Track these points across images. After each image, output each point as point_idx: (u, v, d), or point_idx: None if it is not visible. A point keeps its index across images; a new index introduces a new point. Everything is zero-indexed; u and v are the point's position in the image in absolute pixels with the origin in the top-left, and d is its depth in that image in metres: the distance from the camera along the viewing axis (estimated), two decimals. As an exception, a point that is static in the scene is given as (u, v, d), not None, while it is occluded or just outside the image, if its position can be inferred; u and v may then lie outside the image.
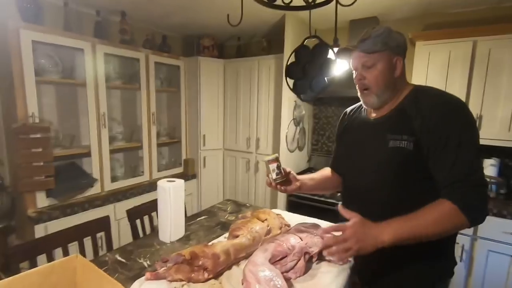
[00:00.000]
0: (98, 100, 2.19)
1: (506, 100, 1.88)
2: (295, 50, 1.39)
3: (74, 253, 1.06)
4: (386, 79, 0.94)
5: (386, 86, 0.94)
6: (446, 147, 0.82)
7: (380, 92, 0.95)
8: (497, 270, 1.79)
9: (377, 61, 0.93)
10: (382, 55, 0.92)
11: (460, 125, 0.84)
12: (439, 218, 0.80)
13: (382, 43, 0.92)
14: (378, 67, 0.93)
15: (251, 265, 0.96)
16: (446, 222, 0.80)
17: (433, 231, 0.80)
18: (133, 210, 1.52)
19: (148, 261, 1.15)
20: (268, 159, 1.11)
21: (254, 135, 2.95)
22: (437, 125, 0.83)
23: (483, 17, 2.12)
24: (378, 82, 0.93)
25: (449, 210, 0.80)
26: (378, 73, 0.93)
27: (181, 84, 2.93)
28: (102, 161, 2.26)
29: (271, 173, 1.11)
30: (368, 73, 0.94)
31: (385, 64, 0.93)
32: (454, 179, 0.81)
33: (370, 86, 0.95)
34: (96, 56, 2.14)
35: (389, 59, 0.93)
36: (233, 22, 1.11)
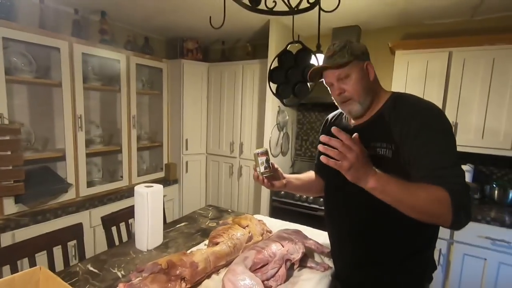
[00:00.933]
0: (75, 101, 2.10)
1: (480, 109, 1.96)
2: (278, 55, 1.39)
3: (42, 264, 0.99)
4: (364, 85, 0.95)
5: (365, 92, 0.95)
6: (429, 154, 0.82)
7: (362, 99, 0.95)
8: (472, 273, 1.84)
9: (351, 71, 0.94)
10: (353, 65, 0.94)
11: (441, 131, 0.85)
12: (428, 198, 0.77)
13: (349, 54, 0.93)
14: (353, 76, 0.94)
15: (230, 274, 0.93)
16: (433, 206, 0.77)
17: (415, 205, 0.78)
18: (108, 217, 1.46)
19: (122, 271, 1.09)
20: (257, 151, 1.07)
21: (237, 139, 2.92)
22: (418, 132, 0.84)
23: (458, 29, 2.21)
24: (357, 90, 0.94)
25: (442, 197, 0.76)
26: (355, 82, 0.94)
27: (163, 87, 2.87)
28: (77, 165, 2.15)
29: (259, 166, 1.07)
30: (346, 85, 0.95)
31: (358, 72, 0.94)
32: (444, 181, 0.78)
33: (351, 96, 0.95)
34: (74, 56, 2.06)
35: (359, 67, 0.95)
36: (216, 25, 1.09)
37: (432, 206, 0.77)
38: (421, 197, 0.78)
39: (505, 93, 1.89)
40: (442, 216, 0.77)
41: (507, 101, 1.89)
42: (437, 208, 0.77)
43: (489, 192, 2.11)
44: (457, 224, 0.79)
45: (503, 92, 1.90)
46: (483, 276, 1.81)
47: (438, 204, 0.77)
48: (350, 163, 0.76)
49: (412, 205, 0.79)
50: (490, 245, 1.78)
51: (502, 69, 1.89)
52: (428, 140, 0.83)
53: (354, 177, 0.79)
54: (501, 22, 2.08)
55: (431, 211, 0.78)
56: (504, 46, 1.87)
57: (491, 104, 1.93)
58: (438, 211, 0.77)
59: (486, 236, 1.78)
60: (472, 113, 1.98)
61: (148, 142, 2.86)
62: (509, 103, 1.88)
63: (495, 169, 2.20)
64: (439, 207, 0.77)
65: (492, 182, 2.14)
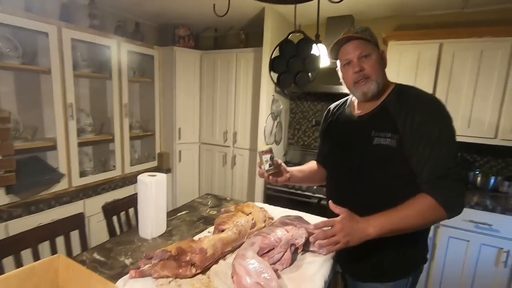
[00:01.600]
0: (65, 89, 2.03)
1: (467, 100, 2.05)
2: (279, 44, 1.39)
3: (45, 254, 0.98)
4: (381, 68, 0.98)
5: (382, 74, 0.98)
6: (428, 145, 0.87)
7: (380, 80, 0.97)
8: (456, 254, 1.97)
9: (372, 51, 0.96)
10: (374, 47, 0.97)
11: (442, 123, 0.89)
12: (421, 212, 0.86)
13: (370, 36, 0.96)
14: (373, 57, 0.96)
15: (240, 258, 0.96)
16: (427, 216, 0.86)
17: (415, 224, 0.86)
18: (110, 206, 1.45)
19: (130, 258, 1.10)
20: (262, 149, 1.10)
21: (231, 128, 2.92)
22: (421, 124, 0.88)
23: (449, 21, 2.28)
24: (376, 70, 0.96)
25: (430, 204, 0.85)
26: (375, 62, 0.96)
27: (155, 75, 2.81)
28: (69, 155, 2.11)
29: (263, 164, 1.10)
30: (366, 63, 0.96)
31: (378, 54, 0.97)
32: (435, 175, 0.86)
33: (370, 75, 0.96)
34: (63, 41, 1.97)
35: (378, 51, 0.98)
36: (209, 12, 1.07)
37: (426, 217, 0.87)
38: (413, 217, 0.86)
39: (491, 85, 1.98)
40: (438, 217, 0.87)
41: (492, 92, 1.98)
42: (431, 216, 0.87)
43: (473, 179, 2.23)
44: (453, 214, 0.88)
45: (489, 84, 1.98)
46: (465, 256, 1.94)
47: (430, 213, 0.86)
48: (343, 237, 0.84)
49: (412, 227, 0.88)
50: (473, 228, 1.90)
51: (489, 62, 1.97)
52: (430, 132, 0.88)
53: (356, 241, 0.86)
54: (490, 15, 2.15)
55: (428, 221, 0.88)
56: (491, 38, 1.94)
57: (477, 95, 2.03)
58: (433, 218, 0.88)
59: (469, 220, 1.90)
60: (460, 104, 2.07)
61: (140, 131, 2.82)
62: (495, 94, 1.97)
63: (478, 157, 2.32)
64: (432, 214, 0.87)
65: (476, 169, 2.27)
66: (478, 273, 1.91)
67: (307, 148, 2.96)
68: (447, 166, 0.86)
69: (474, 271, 1.92)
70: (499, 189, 2.13)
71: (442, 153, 0.87)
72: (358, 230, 0.85)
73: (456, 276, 1.98)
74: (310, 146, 2.96)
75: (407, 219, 0.86)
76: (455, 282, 1.98)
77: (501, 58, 1.94)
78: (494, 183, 2.13)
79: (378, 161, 0.96)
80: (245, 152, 2.88)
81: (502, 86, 1.95)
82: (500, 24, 2.09)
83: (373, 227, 0.85)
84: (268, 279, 0.87)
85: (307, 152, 2.92)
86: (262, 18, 2.43)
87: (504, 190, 2.12)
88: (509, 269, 1.82)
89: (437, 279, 2.03)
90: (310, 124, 2.94)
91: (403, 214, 0.86)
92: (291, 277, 1.00)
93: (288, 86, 1.40)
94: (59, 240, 1.25)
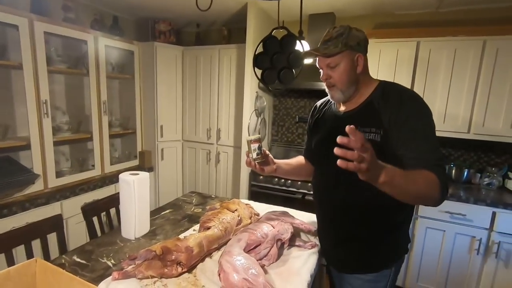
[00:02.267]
0: (38, 85, 1.93)
1: (442, 96, 2.14)
2: (263, 40, 1.39)
3: (20, 259, 0.94)
4: (350, 76, 1.00)
5: (350, 82, 1.01)
6: (415, 138, 0.90)
7: (344, 88, 1.01)
8: (433, 243, 2.06)
9: (340, 61, 0.99)
10: (344, 55, 0.98)
11: (425, 118, 0.93)
12: (425, 183, 0.84)
13: (343, 43, 0.97)
14: (341, 66, 0.99)
15: (227, 255, 0.95)
16: (429, 189, 0.85)
17: (418, 189, 0.84)
18: (90, 207, 1.40)
19: (112, 260, 1.07)
20: (250, 138, 1.12)
21: (215, 126, 2.90)
22: (406, 119, 0.91)
23: (425, 20, 2.36)
24: (342, 80, 1.00)
25: (434, 179, 0.85)
26: (342, 72, 0.99)
27: (135, 71, 2.73)
28: (44, 154, 2.01)
29: (251, 153, 1.12)
30: (333, 72, 1.01)
31: (347, 62, 0.99)
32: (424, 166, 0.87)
33: (335, 83, 1.01)
34: (35, 35, 1.87)
35: (350, 57, 0.99)
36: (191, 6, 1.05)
37: (429, 189, 0.85)
38: (421, 183, 0.84)
39: (464, 82, 2.07)
40: (433, 197, 0.86)
41: (465, 89, 2.08)
42: (432, 190, 0.85)
43: (448, 172, 2.34)
44: (441, 201, 0.88)
45: (462, 81, 2.08)
46: (442, 245, 2.04)
47: (432, 186, 0.85)
48: (368, 163, 0.74)
49: (414, 193, 0.84)
50: (449, 218, 1.99)
51: (462, 60, 2.06)
52: (415, 127, 0.91)
53: (370, 176, 0.78)
54: (463, 15, 2.25)
55: (428, 194, 0.85)
56: (464, 37, 2.03)
57: (452, 92, 2.12)
58: (432, 193, 0.85)
59: (445, 211, 1.99)
60: (436, 100, 2.15)
61: (120, 129, 2.73)
62: (467, 91, 2.07)
63: (452, 151, 2.44)
64: (433, 189, 0.85)
65: (450, 162, 2.38)
66: (453, 260, 2.01)
67: (290, 144, 2.98)
68: (435, 157, 0.89)
69: (450, 259, 2.02)
70: (471, 181, 2.25)
71: (429, 146, 0.90)
72: (378, 170, 0.78)
73: (433, 264, 2.07)
74: (293, 143, 2.98)
75: (415, 184, 0.83)
76: (432, 270, 2.08)
77: (473, 57, 2.03)
78: (467, 175, 2.24)
79: None
80: (229, 149, 2.87)
81: (474, 83, 2.05)
82: (472, 24, 2.19)
83: (385, 175, 0.79)
84: (255, 275, 0.87)
85: (291, 148, 2.95)
86: (245, 14, 2.41)
87: (476, 182, 2.23)
88: (481, 256, 1.93)
89: (416, 268, 2.12)
90: (293, 120, 2.96)
91: (413, 178, 0.84)
92: (278, 272, 1.01)
93: (272, 82, 1.40)
94: (35, 244, 1.19)
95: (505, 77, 1.97)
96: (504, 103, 1.99)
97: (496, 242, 1.88)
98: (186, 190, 3.16)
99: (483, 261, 1.93)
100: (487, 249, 1.91)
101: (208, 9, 1.06)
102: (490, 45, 1.98)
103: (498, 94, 2.00)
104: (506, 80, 1.97)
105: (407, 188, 0.83)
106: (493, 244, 1.89)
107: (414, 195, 0.86)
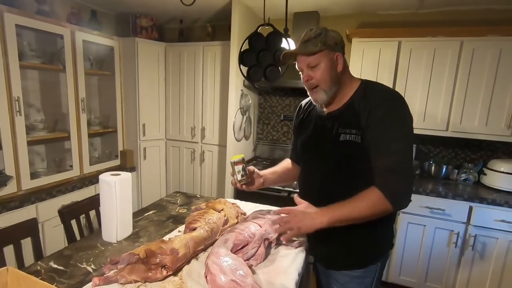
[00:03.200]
0: (9, 81, 1.81)
1: (422, 95, 2.20)
2: (249, 37, 1.37)
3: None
4: (331, 75, 1.00)
5: (332, 82, 1.01)
6: (384, 139, 0.92)
7: (327, 88, 1.01)
8: (414, 238, 2.12)
9: (320, 61, 0.99)
10: (323, 54, 0.98)
11: (399, 120, 0.94)
12: (368, 204, 0.93)
13: (322, 43, 0.98)
14: (321, 65, 0.99)
15: (214, 256, 0.93)
16: (374, 208, 0.93)
17: (363, 214, 0.93)
18: (67, 209, 1.33)
19: (92, 265, 1.02)
20: (234, 160, 1.12)
21: (199, 124, 2.85)
22: (381, 119, 0.93)
23: (406, 20, 2.42)
24: (324, 79, 1.00)
25: (377, 197, 0.92)
26: (323, 71, 0.99)
27: (115, 67, 2.63)
28: (17, 154, 1.90)
29: (236, 174, 1.13)
30: (314, 73, 1.00)
31: (327, 61, 0.99)
32: (385, 168, 0.92)
33: (318, 84, 1.01)
34: (5, 28, 1.76)
35: (330, 56, 0.99)
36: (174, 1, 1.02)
37: (374, 209, 0.93)
38: (362, 207, 0.93)
39: (443, 81, 2.14)
40: (383, 209, 0.93)
41: (444, 89, 2.15)
42: (378, 207, 0.93)
43: (427, 168, 2.42)
44: (398, 208, 0.96)
45: (441, 80, 2.15)
46: (422, 239, 2.10)
47: (376, 204, 0.93)
48: (295, 224, 0.96)
49: (361, 217, 0.94)
50: (429, 213, 2.06)
51: (441, 60, 2.13)
52: (388, 128, 0.93)
53: (308, 228, 0.95)
54: (442, 16, 2.32)
55: (375, 212, 0.94)
56: (443, 38, 2.10)
57: (431, 91, 2.18)
58: (380, 209, 0.93)
59: (425, 206, 2.05)
60: (416, 99, 2.21)
61: (100, 128, 2.63)
62: (446, 90, 2.14)
63: (432, 148, 2.52)
64: (378, 205, 0.93)
65: (430, 159, 2.46)
66: (433, 254, 2.08)
67: (276, 142, 2.98)
68: (398, 160, 0.91)
69: (430, 252, 2.09)
70: (450, 177, 2.34)
71: (394, 148, 0.92)
72: (309, 218, 0.95)
73: (414, 258, 2.14)
74: (279, 141, 2.99)
75: (354, 210, 0.93)
76: (413, 263, 2.14)
77: (451, 57, 2.10)
78: (445, 171, 2.32)
79: (345, 156, 1.00)
80: (214, 148, 2.83)
81: (452, 82, 2.12)
82: (450, 25, 2.26)
83: (323, 216, 0.94)
84: (243, 276, 0.86)
85: (276, 146, 2.95)
86: (229, 11, 2.37)
87: (454, 178, 2.32)
88: (459, 249, 2.01)
89: (398, 262, 2.18)
90: (278, 119, 2.96)
91: (353, 205, 0.93)
92: (265, 272, 0.99)
93: (258, 79, 1.38)
94: (8, 251, 1.12)
95: (481, 77, 2.05)
96: (480, 102, 2.08)
97: (472, 235, 1.96)
98: (170, 190, 3.09)
99: (461, 254, 2.02)
100: (464, 242, 1.99)
101: (192, 3, 1.03)
102: (466, 46, 2.06)
103: (474, 93, 2.08)
104: (482, 80, 2.05)
105: (352, 217, 0.94)
106: (470, 237, 1.97)
107: (365, 217, 0.94)
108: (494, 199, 1.91)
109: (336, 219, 0.94)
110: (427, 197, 2.05)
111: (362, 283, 1.07)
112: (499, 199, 1.91)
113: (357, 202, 0.93)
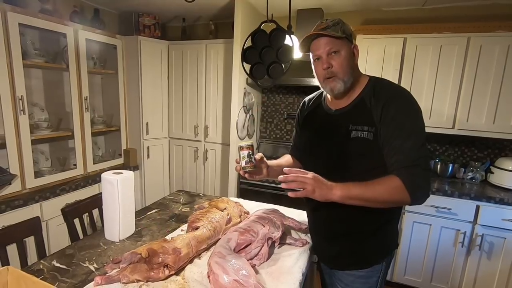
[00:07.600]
0: (13, 80, 1.82)
1: (428, 92, 2.17)
2: (251, 34, 1.36)
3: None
4: (350, 65, 0.97)
5: (350, 71, 0.98)
6: (400, 136, 0.90)
7: (346, 78, 0.97)
8: (420, 237, 2.09)
9: (341, 48, 0.95)
10: (344, 42, 0.96)
11: (412, 116, 0.92)
12: (386, 190, 0.88)
13: (341, 31, 0.95)
14: (342, 53, 0.95)
15: (216, 256, 0.92)
16: (391, 196, 0.89)
17: (378, 199, 0.89)
18: (71, 208, 1.33)
19: (94, 264, 1.01)
20: (241, 145, 1.06)
21: (202, 122, 2.84)
22: (394, 116, 0.91)
23: (411, 16, 2.38)
24: (344, 68, 0.96)
25: (397, 186, 0.88)
26: (343, 59, 0.95)
27: (118, 66, 2.63)
28: (21, 153, 1.90)
29: (241, 160, 1.06)
30: (334, 60, 0.96)
31: (348, 50, 0.96)
32: (404, 164, 0.89)
33: (337, 73, 0.97)
34: (9, 27, 1.76)
35: (349, 46, 0.97)
36: None
37: (392, 195, 0.89)
38: (380, 191, 0.89)
39: (449, 78, 2.11)
40: (402, 200, 0.89)
41: (450, 86, 2.11)
42: (396, 196, 0.89)
43: (433, 167, 2.38)
44: (416, 203, 0.91)
45: (447, 77, 2.11)
46: (428, 239, 2.07)
47: (396, 192, 0.88)
48: (312, 185, 0.87)
49: (376, 200, 0.90)
50: (435, 212, 2.03)
51: (447, 56, 2.09)
52: (401, 125, 0.90)
53: (321, 195, 0.88)
54: (448, 12, 2.28)
55: (392, 199, 0.90)
56: (449, 34, 2.06)
57: (437, 88, 2.15)
58: (397, 198, 0.89)
59: (431, 205, 2.02)
60: (422, 96, 2.18)
61: (104, 127, 2.63)
62: (452, 87, 2.10)
63: (438, 146, 2.48)
64: (397, 194, 0.88)
65: (436, 157, 2.42)
66: (439, 254, 2.05)
67: (279, 141, 2.96)
68: (417, 156, 0.89)
69: (436, 252, 2.06)
70: (456, 175, 2.30)
71: (412, 144, 0.89)
72: (326, 187, 0.89)
73: (420, 257, 2.11)
74: (282, 139, 2.97)
75: (373, 192, 0.88)
76: (418, 263, 2.11)
77: (457, 53, 2.06)
78: (452, 170, 2.28)
79: (356, 154, 0.97)
80: (217, 146, 2.82)
81: (459, 79, 2.08)
82: (457, 20, 2.22)
83: (340, 189, 0.89)
84: (246, 276, 0.84)
85: (280, 145, 2.93)
86: (232, 8, 2.36)
87: (460, 176, 2.28)
88: (466, 249, 1.98)
89: (403, 262, 2.15)
90: (282, 117, 2.94)
91: (371, 187, 0.89)
92: (269, 272, 0.98)
93: (261, 77, 1.37)
94: (11, 249, 1.12)
95: (488, 73, 2.01)
96: (487, 99, 2.04)
97: (479, 234, 1.92)
98: (173, 189, 3.10)
99: (467, 254, 1.98)
100: (471, 242, 1.96)
101: (193, 0, 1.01)
102: (474, 42, 2.02)
103: (481, 90, 2.04)
104: (489, 76, 2.01)
105: (366, 197, 0.89)
106: (477, 237, 1.94)
107: (377, 203, 0.90)
108: (502, 198, 1.87)
109: (351, 196, 0.88)
110: (433, 196, 2.01)
111: (367, 282, 1.06)
112: (507, 198, 1.87)
113: (375, 184, 0.89)
